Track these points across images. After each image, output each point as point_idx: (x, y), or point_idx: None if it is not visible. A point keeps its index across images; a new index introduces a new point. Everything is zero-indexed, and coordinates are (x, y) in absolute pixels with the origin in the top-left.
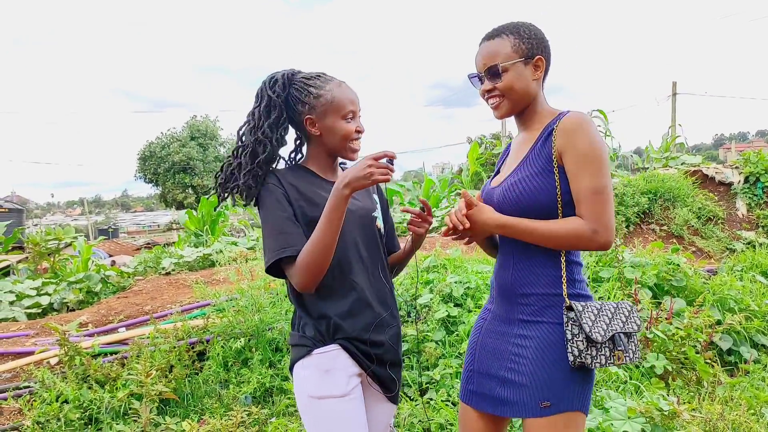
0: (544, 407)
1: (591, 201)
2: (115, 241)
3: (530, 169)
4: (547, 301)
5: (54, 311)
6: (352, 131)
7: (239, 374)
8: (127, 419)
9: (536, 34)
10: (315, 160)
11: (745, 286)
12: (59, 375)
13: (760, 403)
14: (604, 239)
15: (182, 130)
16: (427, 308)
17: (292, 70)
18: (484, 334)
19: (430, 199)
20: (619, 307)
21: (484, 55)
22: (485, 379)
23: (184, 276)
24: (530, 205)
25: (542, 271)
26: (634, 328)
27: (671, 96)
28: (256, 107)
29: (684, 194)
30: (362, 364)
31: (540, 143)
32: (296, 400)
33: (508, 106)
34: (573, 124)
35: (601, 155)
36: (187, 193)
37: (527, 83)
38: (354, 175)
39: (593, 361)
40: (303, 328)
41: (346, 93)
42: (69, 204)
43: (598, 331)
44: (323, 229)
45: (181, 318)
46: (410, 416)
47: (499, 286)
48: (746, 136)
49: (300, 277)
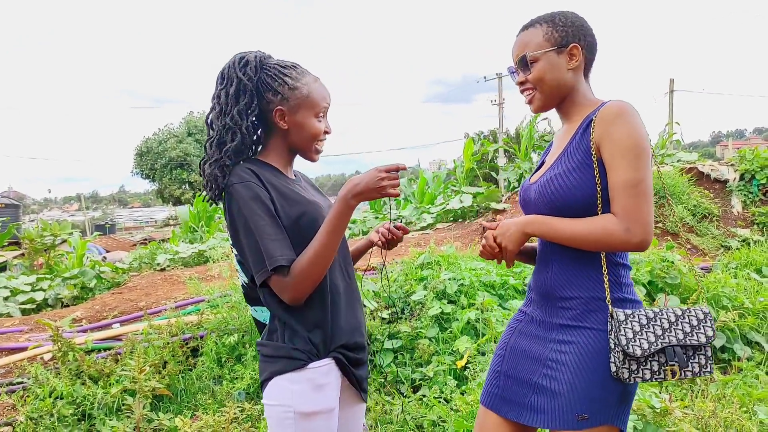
0: (581, 420)
1: (625, 195)
2: (112, 237)
3: (568, 164)
4: (590, 306)
5: (48, 307)
6: (322, 131)
7: (233, 370)
8: (120, 415)
9: (573, 22)
10: (275, 155)
11: (739, 283)
12: (53, 371)
13: (752, 401)
14: (639, 238)
15: (179, 126)
16: (420, 305)
17: (263, 53)
18: (517, 335)
19: (424, 196)
20: (686, 315)
21: (517, 47)
22: (515, 383)
23: (178, 272)
24: (566, 202)
25: (584, 274)
26: (701, 340)
27: (668, 93)
28: (222, 89)
29: (679, 191)
30: (348, 373)
31: (579, 136)
32: (270, 414)
33: (541, 99)
34: (612, 113)
35: (640, 146)
36: (184, 189)
37: (560, 74)
38: (366, 186)
39: (631, 376)
40: (291, 339)
41: (320, 90)
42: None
43: (639, 343)
44: (326, 239)
45: (175, 314)
46: (403, 413)
47: (538, 288)
48: (743, 134)
49: (296, 289)
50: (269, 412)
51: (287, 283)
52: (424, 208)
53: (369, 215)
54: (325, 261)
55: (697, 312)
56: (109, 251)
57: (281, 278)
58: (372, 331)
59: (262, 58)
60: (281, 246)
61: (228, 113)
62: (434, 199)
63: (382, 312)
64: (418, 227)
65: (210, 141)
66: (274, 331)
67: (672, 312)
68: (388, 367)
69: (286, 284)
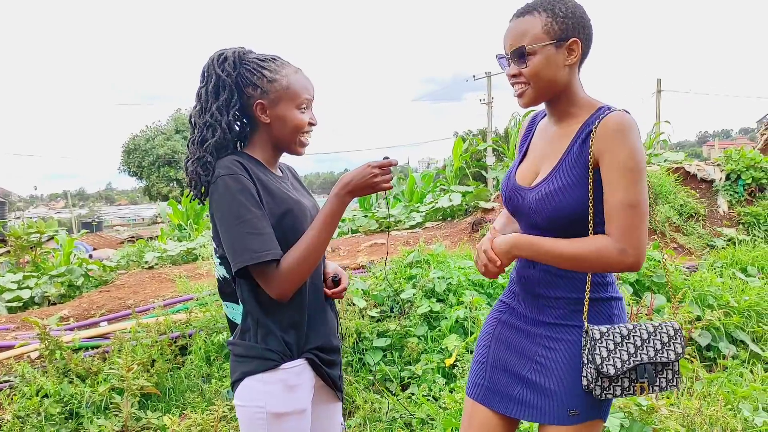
0: (573, 415)
1: (621, 216)
2: (99, 235)
3: (568, 178)
4: (577, 306)
5: (35, 305)
6: (305, 123)
7: (221, 368)
8: (108, 414)
9: (574, 13)
10: (260, 150)
11: (724, 282)
12: (39, 369)
13: (737, 399)
14: (633, 260)
15: (167, 123)
16: (409, 303)
17: (243, 49)
18: (501, 327)
19: (414, 195)
20: (657, 332)
21: (511, 35)
22: (503, 375)
23: (167, 270)
24: (565, 217)
25: (569, 274)
26: (670, 357)
27: (656, 93)
28: (202, 87)
29: (666, 191)
30: (322, 374)
31: (577, 146)
32: (242, 415)
33: (532, 95)
34: (615, 128)
35: (639, 166)
36: (171, 187)
37: (556, 70)
38: (358, 182)
39: (603, 392)
40: (265, 339)
41: (301, 81)
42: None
43: (613, 362)
44: (317, 235)
45: (164, 312)
46: (392, 411)
47: (523, 284)
48: (730, 134)
49: (283, 284)
50: (241, 413)
51: (275, 277)
52: (413, 207)
53: (359, 213)
54: (315, 258)
55: (668, 328)
56: (96, 249)
57: (266, 272)
58: (361, 330)
59: (241, 53)
60: (269, 240)
61: (208, 110)
62: (423, 198)
63: (371, 310)
64: (407, 226)
65: (192, 139)
66: (247, 330)
67: (645, 328)
68: (377, 365)
69: (272, 278)
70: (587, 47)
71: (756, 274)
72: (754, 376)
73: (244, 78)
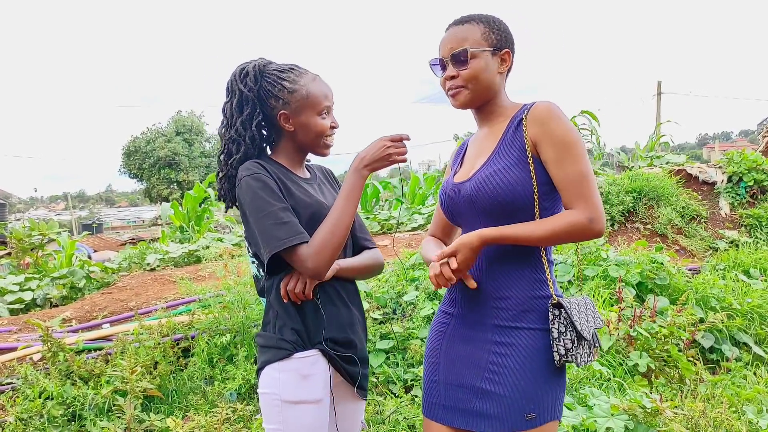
0: (530, 419)
1: (580, 186)
2: (99, 236)
3: (504, 161)
4: (526, 305)
5: (37, 307)
6: (327, 127)
7: (224, 371)
8: (110, 416)
9: (505, 28)
10: (285, 155)
11: (727, 284)
12: (42, 371)
13: (741, 401)
14: (599, 226)
15: (167, 125)
16: (412, 306)
17: (263, 61)
18: (448, 341)
19: (416, 197)
20: (586, 303)
21: (451, 40)
22: (456, 390)
23: (169, 272)
24: (507, 197)
25: (518, 273)
26: (600, 324)
27: (656, 95)
28: (227, 103)
29: (668, 193)
30: (339, 368)
31: (510, 134)
32: (262, 401)
33: (468, 96)
34: (546, 112)
35: (579, 140)
36: (172, 189)
37: (492, 75)
38: (373, 156)
39: (580, 360)
40: (281, 329)
41: (320, 87)
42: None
43: (585, 327)
44: (340, 210)
45: (166, 314)
46: (395, 413)
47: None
48: (730, 136)
49: (315, 262)
50: (261, 400)
51: (307, 257)
52: (415, 209)
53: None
54: (341, 233)
55: (588, 300)
56: (96, 251)
57: (300, 254)
58: None
59: (261, 66)
60: (294, 226)
61: (233, 125)
62: (425, 200)
63: (374, 312)
64: (409, 228)
65: (221, 153)
66: (268, 322)
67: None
68: (380, 367)
69: (306, 259)
70: (512, 62)
71: (758, 276)
72: (757, 379)
73: (265, 91)
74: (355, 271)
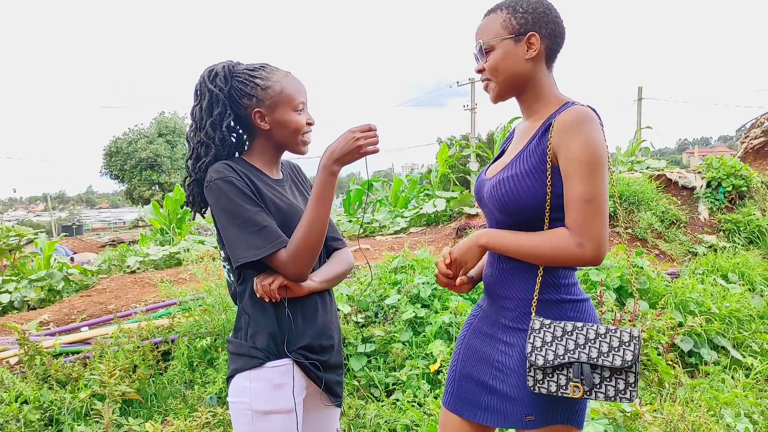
0: (528, 421)
1: (578, 210)
2: (79, 238)
3: (523, 166)
4: (527, 308)
5: (14, 309)
6: (303, 123)
7: (204, 374)
8: (88, 420)
9: (535, 8)
10: (259, 155)
11: (706, 289)
12: (19, 375)
13: (719, 404)
14: (592, 254)
15: (150, 126)
16: (394, 309)
17: (231, 62)
18: (471, 334)
19: (398, 200)
20: (608, 335)
21: (477, 33)
22: (470, 383)
23: (149, 275)
24: (515, 206)
25: (521, 274)
26: (615, 362)
27: (637, 101)
28: (196, 105)
29: (648, 198)
30: (312, 376)
31: (537, 138)
32: (232, 410)
33: (496, 89)
34: (570, 120)
35: (595, 159)
36: (153, 191)
37: (516, 63)
38: (342, 149)
39: (536, 385)
40: (253, 337)
41: (294, 84)
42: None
43: (544, 353)
44: (314, 210)
45: (146, 317)
46: (376, 417)
47: (485, 283)
48: (709, 141)
49: (295, 265)
50: (231, 409)
51: (286, 261)
52: (397, 212)
53: (343, 218)
54: (317, 233)
55: (624, 334)
56: (76, 252)
57: (279, 259)
58: (345, 335)
59: (230, 67)
60: (271, 231)
61: (202, 128)
62: (408, 203)
63: (355, 316)
64: (392, 231)
65: (189, 158)
66: (240, 328)
67: (596, 329)
68: (361, 371)
69: (285, 263)
70: (554, 43)
71: (736, 281)
72: (735, 382)
73: (237, 90)
74: (330, 282)
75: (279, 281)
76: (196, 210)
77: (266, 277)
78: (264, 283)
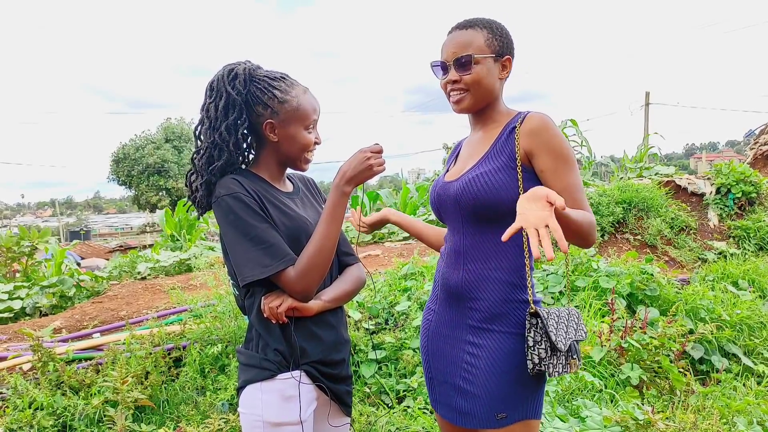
0: (501, 418)
1: (577, 196)
2: (87, 243)
3: (492, 164)
4: (498, 309)
5: (27, 316)
6: (312, 143)
7: (216, 381)
8: (101, 426)
9: (507, 34)
10: (265, 167)
11: (716, 295)
12: (32, 381)
13: (731, 412)
14: (594, 236)
15: (157, 132)
16: (404, 316)
17: (252, 64)
18: (432, 338)
19: (407, 207)
20: (570, 314)
21: (455, 44)
22: (443, 387)
23: (160, 281)
24: (490, 200)
25: (493, 276)
26: (582, 336)
27: (644, 106)
28: (211, 103)
29: (657, 204)
30: (323, 388)
31: (502, 140)
32: (243, 421)
33: (470, 101)
34: (541, 124)
35: (572, 152)
36: (161, 196)
37: (494, 81)
38: (355, 169)
39: (554, 370)
40: (264, 349)
41: (310, 101)
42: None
43: (561, 339)
44: (325, 229)
45: (158, 324)
46: (387, 424)
47: (446, 287)
48: (716, 146)
49: (303, 283)
50: (242, 420)
51: (292, 280)
52: None
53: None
54: (326, 252)
55: (574, 311)
56: (84, 258)
57: (287, 278)
58: (356, 342)
59: (251, 70)
60: (279, 249)
61: (217, 129)
62: (417, 210)
63: (366, 322)
64: (401, 237)
65: (198, 155)
66: (251, 340)
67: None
68: (372, 378)
69: (293, 281)
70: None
71: (747, 287)
72: (747, 390)
73: (254, 96)
74: (340, 301)
75: (287, 304)
76: (201, 212)
77: (274, 299)
78: (271, 305)
